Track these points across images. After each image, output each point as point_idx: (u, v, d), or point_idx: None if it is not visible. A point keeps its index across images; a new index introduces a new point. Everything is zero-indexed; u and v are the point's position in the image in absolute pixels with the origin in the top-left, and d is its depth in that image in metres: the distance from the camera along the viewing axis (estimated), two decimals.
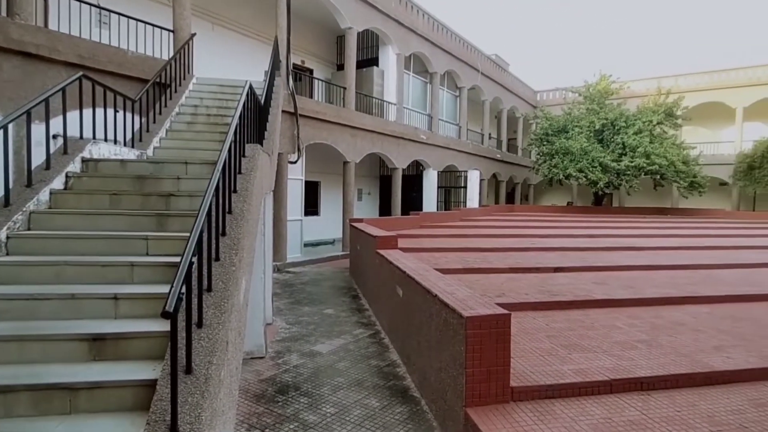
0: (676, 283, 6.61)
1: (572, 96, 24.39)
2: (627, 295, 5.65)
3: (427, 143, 17.39)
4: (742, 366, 3.58)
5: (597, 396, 3.22)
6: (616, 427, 2.79)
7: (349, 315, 6.82)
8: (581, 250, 9.76)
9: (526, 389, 3.15)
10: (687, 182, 20.48)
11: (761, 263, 8.62)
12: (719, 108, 24.78)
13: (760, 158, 20.48)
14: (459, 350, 3.10)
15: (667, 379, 3.37)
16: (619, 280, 6.76)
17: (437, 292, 3.58)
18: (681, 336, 4.32)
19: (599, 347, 3.97)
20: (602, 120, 21.25)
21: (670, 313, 5.18)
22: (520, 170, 27.05)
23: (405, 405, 3.95)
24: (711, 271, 7.76)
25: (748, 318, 5.03)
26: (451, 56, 18.99)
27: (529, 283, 6.41)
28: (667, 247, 10.46)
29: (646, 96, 23.05)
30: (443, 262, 7.53)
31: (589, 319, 4.84)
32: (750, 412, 3.02)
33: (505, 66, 25.52)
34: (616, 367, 3.49)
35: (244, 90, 4.41)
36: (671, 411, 3.02)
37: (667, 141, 20.96)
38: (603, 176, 20.13)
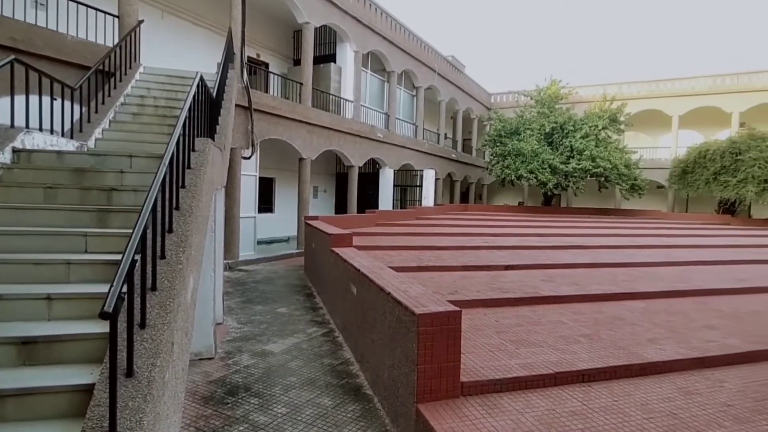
0: (617, 279, 6.98)
1: (524, 99, 25.20)
2: (572, 292, 5.91)
3: (384, 142, 17.46)
4: (672, 357, 3.83)
5: (542, 389, 3.35)
6: (559, 418, 2.92)
7: (302, 313, 6.75)
8: (531, 248, 10.11)
9: (476, 384, 3.23)
10: (628, 185, 21.67)
11: (692, 261, 9.25)
12: (658, 115, 26.37)
13: (693, 164, 21.93)
14: (411, 347, 3.14)
15: (606, 371, 3.55)
16: (565, 277, 7.06)
17: (390, 290, 3.61)
18: (620, 330, 4.57)
19: (545, 342, 4.13)
20: (552, 123, 22.12)
21: (611, 308, 5.46)
22: (475, 170, 27.68)
23: (358, 403, 3.95)
24: (648, 269, 8.25)
25: (679, 312, 5.39)
26: (408, 56, 19.14)
27: (481, 280, 6.58)
28: (610, 246, 11.03)
29: (592, 102, 24.15)
30: (398, 260, 7.59)
31: (537, 315, 5.03)
32: (679, 399, 3.24)
33: (461, 68, 26.01)
34: (561, 361, 3.64)
35: (194, 81, 4.25)
36: (609, 401, 3.19)
37: (611, 145, 22.07)
38: (552, 178, 20.96)
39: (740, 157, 19.89)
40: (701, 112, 25.62)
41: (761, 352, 4.08)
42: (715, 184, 20.67)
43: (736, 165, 19.95)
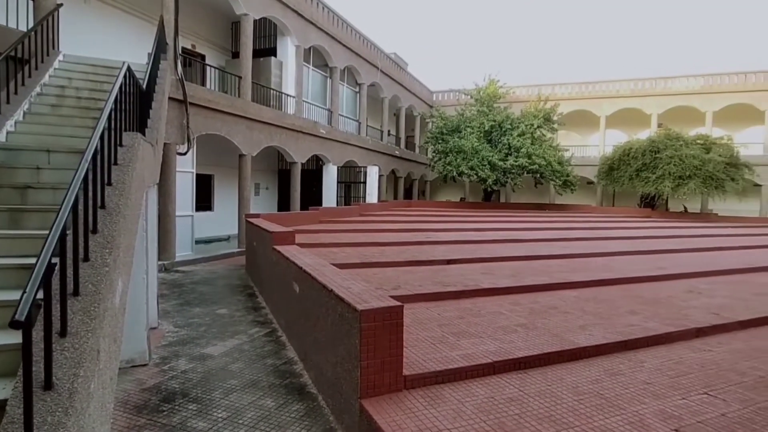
0: (551, 270, 7.35)
1: (465, 98, 25.90)
2: (510, 284, 6.15)
3: (327, 138, 17.31)
4: (600, 341, 4.09)
5: (482, 378, 3.46)
6: (498, 405, 3.03)
7: (244, 314, 6.56)
8: (472, 242, 10.42)
9: (418, 377, 3.29)
10: (562, 181, 22.89)
11: (618, 251, 9.92)
12: (587, 116, 28.04)
13: (618, 161, 23.51)
14: (354, 343, 3.14)
15: (541, 357, 3.73)
16: (503, 269, 7.34)
17: (333, 287, 3.58)
18: (553, 318, 4.82)
19: (485, 332, 4.27)
20: (491, 122, 22.91)
21: (546, 298, 5.75)
22: (418, 167, 28.11)
23: (302, 402, 3.90)
24: (579, 260, 8.76)
25: (607, 299, 5.76)
26: (351, 52, 19.07)
27: (423, 275, 6.69)
28: (545, 239, 11.60)
29: (528, 101, 25.25)
30: (342, 257, 7.56)
31: (477, 307, 5.20)
32: (606, 381, 3.47)
33: (403, 65, 26.27)
34: (499, 350, 3.79)
35: (121, 71, 3.99)
36: (543, 386, 3.35)
37: (546, 143, 23.19)
38: (491, 174, 21.72)
39: (658, 155, 21.57)
40: (625, 113, 27.53)
41: (675, 333, 4.45)
42: (638, 180, 22.28)
43: (654, 162, 21.61)
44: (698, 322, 4.79)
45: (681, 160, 20.66)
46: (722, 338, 4.58)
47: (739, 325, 4.94)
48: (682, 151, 20.97)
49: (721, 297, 6.11)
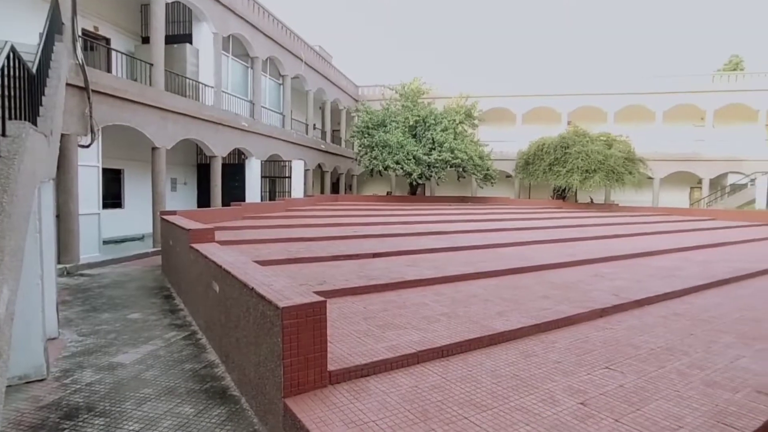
0: (472, 261, 7.66)
1: (390, 93, 26.18)
2: (433, 275, 6.32)
3: (250, 131, 16.71)
4: (516, 326, 4.32)
5: (406, 368, 3.52)
6: (422, 393, 3.09)
7: (159, 318, 6.15)
8: (398, 236, 10.58)
9: (343, 371, 3.27)
10: (482, 174, 23.93)
11: (533, 241, 10.56)
12: (505, 113, 29.52)
13: (533, 156, 25.03)
14: (276, 341, 3.05)
15: (462, 344, 3.87)
16: (428, 261, 7.53)
17: (254, 285, 3.45)
18: (474, 306, 5.02)
19: (409, 323, 4.35)
20: (415, 117, 23.38)
21: (466, 287, 5.97)
22: (344, 161, 28.03)
23: (224, 406, 3.73)
24: (498, 249, 9.21)
25: (523, 286, 6.11)
26: (273, 42, 18.51)
27: (349, 269, 6.68)
28: (467, 230, 12.07)
29: (450, 98, 26.05)
30: (266, 253, 7.34)
31: (402, 299, 5.28)
32: (521, 362, 3.67)
33: (328, 58, 25.98)
34: (423, 340, 3.87)
35: (2, 53, 3.54)
36: (465, 371, 3.48)
37: (467, 138, 24.10)
38: (416, 168, 22.19)
39: (568, 151, 23.25)
40: (539, 111, 29.33)
41: (582, 315, 4.82)
42: (550, 173, 23.88)
43: (565, 157, 23.27)
44: (602, 303, 5.22)
45: (587, 156, 22.42)
46: (621, 317, 5.04)
47: (635, 303, 5.45)
48: (588, 147, 22.77)
49: (621, 279, 6.71)
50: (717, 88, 27.36)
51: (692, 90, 27.52)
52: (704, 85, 27.55)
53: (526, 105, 29.18)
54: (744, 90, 27.09)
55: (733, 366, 3.67)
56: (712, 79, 27.86)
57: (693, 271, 7.55)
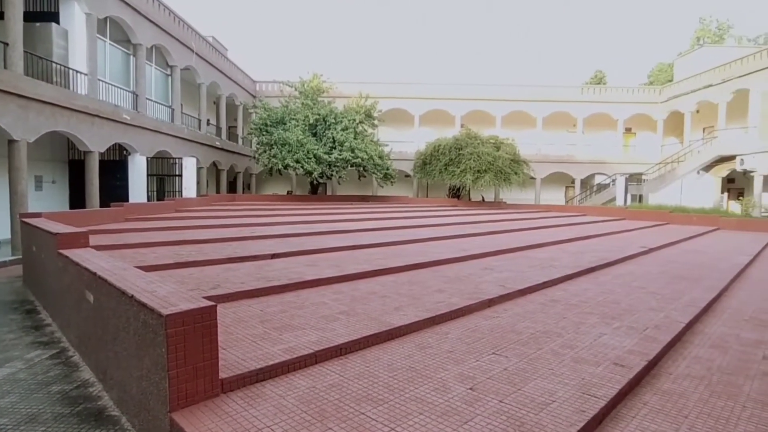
0: (372, 258, 7.79)
1: (289, 90, 25.64)
2: (333, 274, 6.31)
3: (133, 124, 15.29)
4: (412, 320, 4.47)
5: (304, 369, 3.47)
6: (319, 393, 3.06)
7: (19, 336, 5.37)
8: (298, 235, 10.40)
9: (237, 378, 3.12)
10: (382, 174, 24.45)
11: (430, 237, 11.03)
12: (404, 114, 30.48)
13: (430, 156, 26.16)
14: (161, 352, 2.82)
15: (360, 341, 3.90)
16: (328, 261, 7.50)
17: (134, 293, 3.16)
18: (373, 303, 5.10)
19: (308, 324, 4.29)
20: (315, 115, 23.15)
21: (366, 285, 6.05)
22: (242, 159, 26.89)
23: (101, 429, 3.36)
24: (397, 247, 9.47)
25: (419, 281, 6.35)
26: (159, 29, 17.12)
27: (246, 271, 6.42)
28: (367, 229, 12.24)
29: (350, 97, 26.23)
30: (151, 258, 6.77)
31: (300, 300, 5.19)
32: (417, 355, 3.81)
33: (223, 51, 24.73)
34: (321, 340, 3.84)
35: None
36: (363, 368, 3.52)
37: (368, 138, 24.46)
38: (317, 167, 22.00)
39: (461, 152, 24.66)
40: (435, 114, 30.75)
41: (473, 306, 5.14)
42: (446, 173, 25.14)
43: (458, 158, 24.65)
44: (489, 294, 5.61)
45: (479, 157, 23.98)
46: (507, 305, 5.46)
47: (519, 293, 5.95)
48: (479, 149, 24.36)
49: (507, 271, 7.27)
50: (585, 99, 30.91)
51: (566, 99, 30.79)
52: (575, 96, 30.97)
53: (424, 107, 30.42)
54: (606, 101, 30.94)
55: (597, 343, 4.16)
56: (581, 91, 31.42)
57: (567, 262, 8.43)
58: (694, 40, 42.65)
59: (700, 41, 40.38)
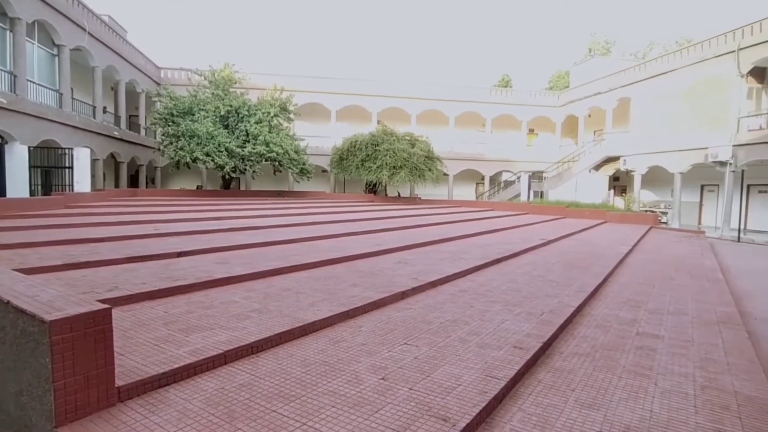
0: (286, 255, 7.64)
1: (198, 79, 24.25)
2: (245, 271, 6.10)
3: (10, 109, 13.54)
4: (327, 315, 4.47)
5: (212, 370, 3.33)
6: (228, 394, 2.96)
7: None
8: (208, 232, 9.91)
9: (137, 384, 2.92)
10: (298, 169, 24.03)
11: (346, 233, 11.07)
12: (320, 108, 30.18)
13: (347, 152, 26.23)
14: (44, 362, 2.54)
15: (272, 339, 3.83)
16: (240, 258, 7.23)
17: (9, 298, 2.81)
18: (286, 300, 5.02)
19: (217, 324, 4.11)
20: (227, 107, 22.12)
21: (280, 281, 5.93)
22: (145, 151, 24.98)
23: None
24: (312, 242, 9.38)
25: (334, 276, 6.35)
26: (41, 2, 15.29)
27: (149, 271, 5.99)
28: (282, 224, 11.98)
29: (265, 89, 25.43)
30: (34, 259, 6.07)
31: (209, 299, 4.96)
32: (330, 349, 3.82)
33: (122, 32, 22.74)
34: (231, 339, 3.70)
35: None
36: (275, 365, 3.45)
37: (283, 132, 23.89)
38: (229, 161, 21.07)
39: (378, 148, 25.01)
40: (352, 109, 30.82)
41: (386, 298, 5.26)
42: (363, 169, 25.35)
43: (375, 154, 24.98)
44: (403, 287, 5.77)
45: (394, 153, 24.48)
46: (419, 297, 5.65)
47: (430, 285, 6.18)
48: (395, 145, 24.86)
49: (420, 264, 7.52)
50: (493, 101, 32.78)
51: (476, 100, 32.43)
52: (484, 97, 32.72)
53: (340, 102, 30.35)
54: (512, 104, 33.06)
55: (500, 329, 4.46)
56: (490, 92, 33.28)
57: (475, 254, 8.91)
58: (587, 51, 46.98)
59: (591, 52, 44.57)
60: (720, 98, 20.99)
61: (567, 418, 2.96)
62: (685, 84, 22.90)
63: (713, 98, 21.30)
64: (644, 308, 5.90)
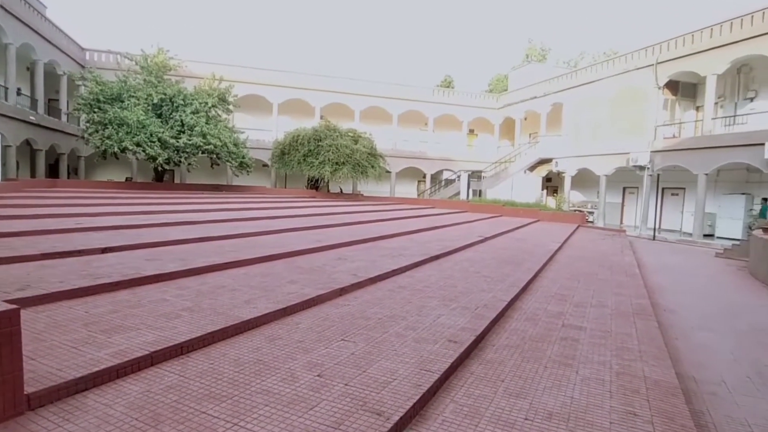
0: (223, 251, 7.39)
1: (129, 63, 22.78)
2: (178, 268, 5.83)
3: None
4: (263, 312, 4.37)
5: (137, 373, 3.15)
6: (154, 397, 2.82)
7: None
8: (138, 227, 9.36)
9: (50, 391, 2.71)
10: (237, 162, 23.24)
11: (286, 228, 10.86)
12: (261, 101, 29.34)
13: (289, 146, 25.69)
14: None
15: (204, 338, 3.69)
16: (172, 254, 6.90)
17: None
18: (221, 297, 4.85)
19: (144, 323, 3.90)
20: (161, 94, 20.94)
21: (215, 278, 5.73)
22: (66, 139, 23.12)
23: None
24: (251, 238, 9.13)
25: (272, 273, 6.22)
26: None
27: (69, 268, 5.57)
28: (219, 219, 11.56)
29: (202, 78, 24.31)
30: None
31: (137, 298, 4.69)
32: (265, 347, 3.74)
33: (41, 8, 20.88)
34: (159, 339, 3.53)
35: None
36: (206, 365, 3.33)
37: (221, 124, 22.97)
38: (162, 152, 19.98)
39: (320, 144, 24.72)
40: (295, 103, 30.23)
41: (325, 295, 5.23)
42: (305, 164, 24.97)
43: (318, 149, 24.68)
44: (342, 283, 5.76)
45: (337, 149, 24.30)
46: (358, 293, 5.67)
47: (370, 281, 6.22)
48: (338, 141, 24.68)
49: (360, 261, 7.54)
50: (436, 100, 33.41)
51: (419, 99, 32.89)
52: (427, 97, 33.27)
53: (283, 95, 29.68)
54: (453, 104, 33.86)
55: (436, 323, 4.57)
56: (433, 92, 33.88)
57: (415, 250, 9.06)
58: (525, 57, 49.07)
59: (528, 58, 46.61)
60: (640, 107, 22.69)
61: (496, 408, 3.10)
62: (611, 93, 24.54)
63: (635, 107, 22.99)
64: (570, 302, 6.28)
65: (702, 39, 19.72)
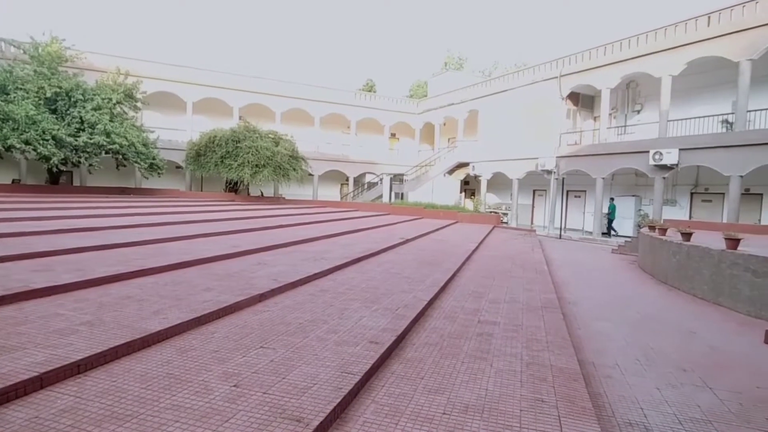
0: (128, 259, 6.83)
1: (15, 52, 20.42)
2: (74, 279, 5.29)
3: None
4: (174, 323, 4.10)
5: (23, 398, 2.81)
6: (43, 423, 2.53)
7: None
8: (25, 234, 8.38)
9: None
10: (147, 164, 21.69)
11: (201, 234, 10.29)
12: (174, 99, 27.67)
13: (205, 147, 24.48)
14: None
15: (105, 354, 3.38)
16: (68, 263, 6.25)
17: None
18: (126, 309, 4.48)
19: (32, 342, 3.49)
20: (55, 88, 18.96)
21: (119, 289, 5.28)
22: None
23: None
24: (160, 245, 8.54)
25: (185, 281, 5.86)
26: None
27: None
28: (124, 225, 10.68)
29: (106, 72, 22.43)
30: None
31: (23, 314, 4.19)
32: (177, 360, 3.50)
33: None
34: (50, 359, 3.17)
35: None
36: (108, 384, 3.05)
37: (128, 122, 21.34)
38: (57, 152, 18.08)
39: (239, 145, 23.84)
40: (211, 102, 28.89)
41: (243, 302, 5.02)
42: (222, 166, 23.93)
43: (236, 151, 23.77)
44: (261, 289, 5.57)
45: (257, 151, 23.58)
46: (278, 299, 5.52)
47: (291, 285, 6.08)
48: (258, 143, 23.95)
49: (281, 265, 7.35)
50: (358, 104, 33.62)
51: (341, 102, 32.91)
52: (349, 100, 33.38)
53: (198, 94, 28.25)
54: (375, 108, 34.29)
55: (358, 325, 4.57)
56: (355, 96, 34.05)
57: (338, 254, 9.01)
58: (444, 64, 50.98)
59: (447, 66, 48.51)
60: (548, 116, 24.53)
61: (416, 405, 3.16)
62: (521, 101, 26.26)
63: (543, 116, 24.80)
64: (486, 298, 6.60)
65: (598, 56, 21.79)
